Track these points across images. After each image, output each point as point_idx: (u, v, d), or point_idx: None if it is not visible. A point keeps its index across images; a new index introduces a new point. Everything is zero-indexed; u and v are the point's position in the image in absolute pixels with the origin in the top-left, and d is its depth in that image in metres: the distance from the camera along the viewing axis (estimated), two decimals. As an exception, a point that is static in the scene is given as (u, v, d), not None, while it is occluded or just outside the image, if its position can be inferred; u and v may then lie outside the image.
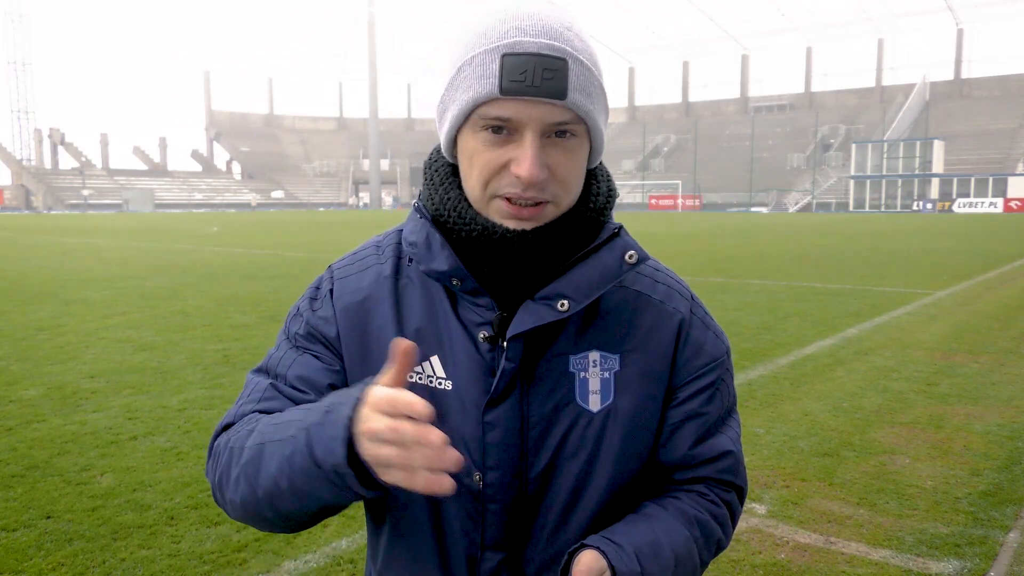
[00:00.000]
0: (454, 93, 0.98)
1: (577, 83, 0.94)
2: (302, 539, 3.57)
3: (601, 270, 1.03)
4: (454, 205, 1.03)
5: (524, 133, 0.95)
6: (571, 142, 0.98)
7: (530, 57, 0.92)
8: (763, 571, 3.34)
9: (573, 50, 0.94)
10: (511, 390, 1.03)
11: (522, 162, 0.94)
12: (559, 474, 1.06)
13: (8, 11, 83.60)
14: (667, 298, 1.11)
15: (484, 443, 1.03)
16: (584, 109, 0.96)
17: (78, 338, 8.28)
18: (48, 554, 3.43)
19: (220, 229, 33.84)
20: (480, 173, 0.98)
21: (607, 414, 1.06)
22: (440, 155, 1.09)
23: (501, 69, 0.92)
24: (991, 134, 67.78)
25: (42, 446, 4.81)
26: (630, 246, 1.05)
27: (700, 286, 12.57)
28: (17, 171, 78.47)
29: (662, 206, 68.96)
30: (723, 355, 1.14)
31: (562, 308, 1.01)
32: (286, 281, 13.59)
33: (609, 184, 1.11)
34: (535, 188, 0.96)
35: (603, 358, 1.06)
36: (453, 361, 1.05)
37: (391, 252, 1.12)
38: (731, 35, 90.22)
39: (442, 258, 1.03)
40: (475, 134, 0.98)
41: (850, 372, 6.79)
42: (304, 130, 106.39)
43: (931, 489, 4.18)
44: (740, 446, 1.15)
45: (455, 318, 1.05)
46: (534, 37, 0.93)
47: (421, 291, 1.08)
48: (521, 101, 0.93)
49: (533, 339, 1.04)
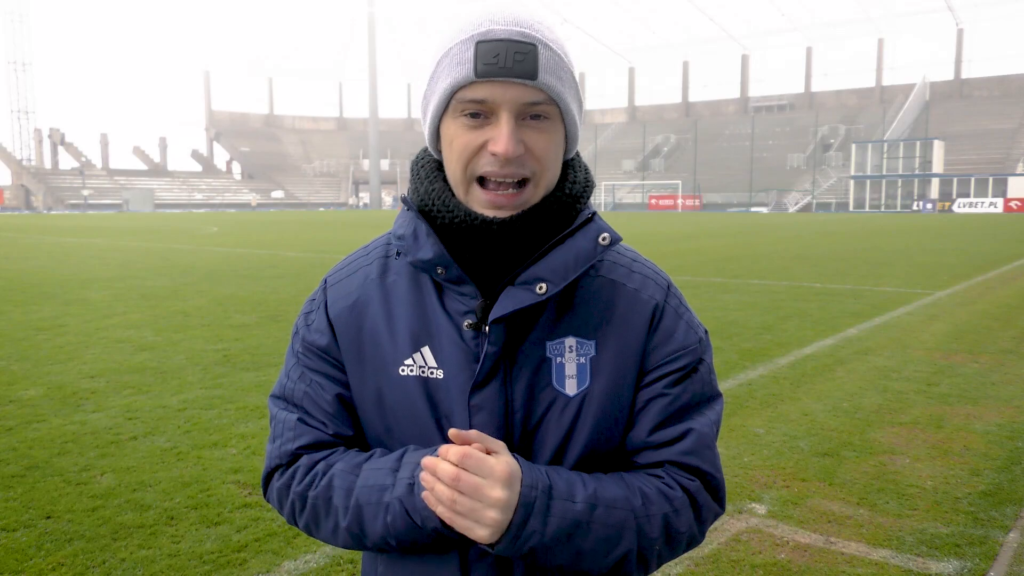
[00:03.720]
0: (434, 84, 1.05)
1: (547, 66, 1.01)
2: (302, 539, 3.57)
3: (576, 253, 1.07)
4: (438, 195, 1.09)
5: (500, 114, 1.01)
6: (545, 124, 1.04)
7: (501, 42, 0.99)
8: (763, 571, 3.33)
9: (543, 37, 1.02)
10: (495, 374, 1.08)
11: (499, 140, 1.01)
12: (536, 456, 1.10)
13: (8, 11, 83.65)
14: (642, 286, 1.15)
15: (471, 426, 1.08)
16: (555, 90, 1.02)
17: (78, 338, 8.28)
18: (48, 554, 3.43)
19: (220, 229, 33.84)
20: (460, 155, 1.04)
21: (583, 398, 1.10)
22: (426, 153, 1.16)
23: (475, 55, 1.00)
24: (991, 134, 67.77)
25: (42, 446, 4.81)
26: (603, 229, 1.10)
27: (700, 286, 12.57)
28: (17, 171, 78.46)
29: (662, 206, 68.95)
30: (694, 344, 1.15)
31: (540, 291, 1.05)
32: (286, 281, 13.59)
33: (587, 175, 1.16)
34: (513, 164, 1.02)
35: (579, 344, 1.10)
36: (442, 351, 1.10)
37: (377, 253, 1.19)
38: (731, 35, 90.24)
39: (428, 247, 1.08)
40: (455, 120, 1.04)
41: (850, 372, 6.79)
42: (304, 130, 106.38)
43: (931, 489, 4.18)
44: (711, 431, 1.14)
45: (441, 309, 1.11)
46: (505, 25, 1.00)
47: (408, 286, 1.14)
48: (495, 83, 1.00)
49: (514, 327, 1.09)
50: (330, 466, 1.11)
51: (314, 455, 1.13)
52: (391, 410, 1.12)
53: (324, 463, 1.12)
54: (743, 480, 4.31)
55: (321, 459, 1.13)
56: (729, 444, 4.85)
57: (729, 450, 4.75)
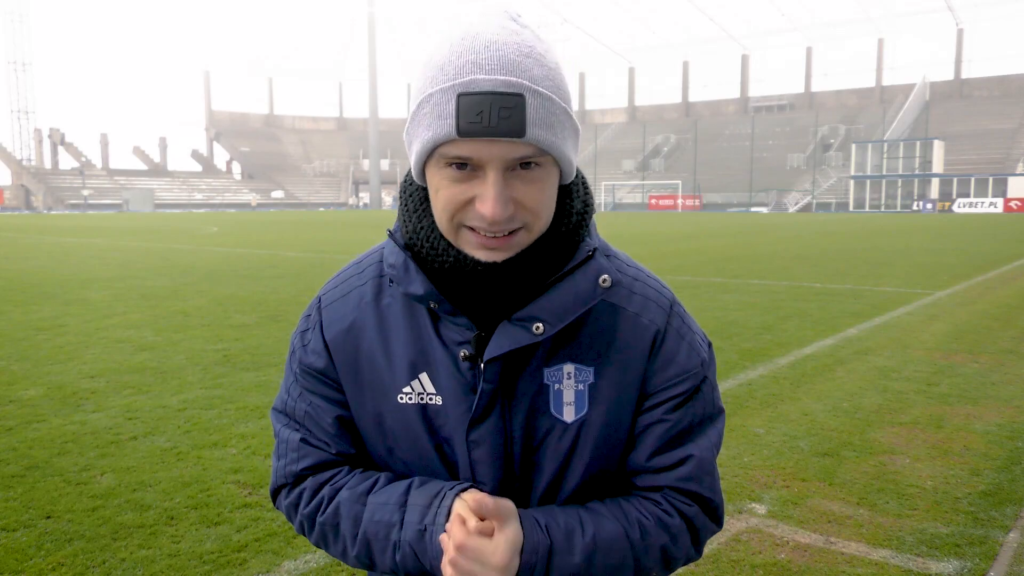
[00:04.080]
0: (416, 129, 0.98)
1: (536, 117, 0.92)
2: (302, 539, 3.57)
3: (575, 294, 1.04)
4: (427, 235, 1.05)
5: (487, 171, 0.95)
6: (537, 172, 0.97)
7: (485, 96, 0.90)
8: (763, 571, 3.33)
9: (531, 82, 0.92)
10: (492, 408, 1.06)
11: (486, 201, 0.95)
12: (535, 481, 1.10)
13: (8, 11, 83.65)
14: (642, 310, 1.11)
15: (471, 460, 1.07)
16: (545, 142, 0.94)
17: (78, 338, 8.28)
18: (48, 554, 3.43)
19: (220, 229, 33.84)
20: (445, 207, 0.99)
21: (581, 424, 1.08)
22: (413, 182, 1.10)
23: (457, 110, 0.91)
24: (991, 134, 67.77)
25: (42, 446, 4.81)
26: (603, 270, 1.06)
27: (700, 286, 12.57)
28: (17, 171, 78.46)
29: (662, 206, 68.95)
30: (696, 367, 1.13)
31: (537, 331, 1.03)
32: (286, 281, 13.59)
33: (585, 199, 1.10)
34: (501, 223, 0.96)
35: (577, 370, 1.08)
36: (439, 378, 1.09)
37: (371, 273, 1.15)
38: (731, 35, 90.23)
39: (417, 283, 1.05)
40: (439, 170, 0.98)
41: (850, 372, 6.79)
42: (304, 130, 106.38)
43: (931, 489, 4.18)
44: (711, 454, 1.13)
45: (436, 337, 1.09)
46: (489, 74, 0.91)
47: (404, 310, 1.11)
48: (480, 141, 0.93)
49: (511, 357, 1.06)
50: (336, 491, 1.12)
51: (319, 477, 1.14)
52: (391, 434, 1.12)
53: (330, 487, 1.12)
54: (743, 480, 4.31)
55: (326, 482, 1.13)
56: (729, 444, 4.85)
57: (729, 450, 4.75)
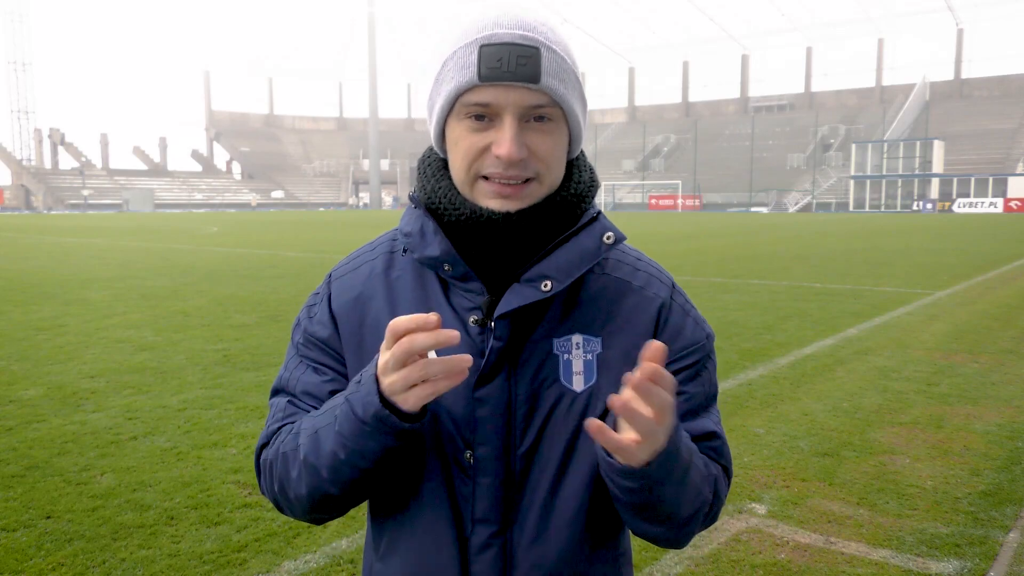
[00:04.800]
0: (439, 87, 1.06)
1: (550, 69, 1.02)
2: (302, 539, 3.57)
3: (581, 252, 1.09)
4: (445, 193, 1.10)
5: (503, 117, 1.03)
6: (548, 125, 1.05)
7: (504, 46, 1.00)
8: (763, 571, 3.33)
9: (546, 40, 1.03)
10: (499, 369, 1.09)
11: (502, 143, 1.02)
12: (544, 452, 1.11)
13: (8, 11, 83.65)
14: (647, 284, 1.17)
15: (475, 419, 1.09)
16: (558, 93, 1.03)
17: (78, 338, 8.28)
18: (48, 554, 3.43)
19: (220, 229, 33.84)
20: (464, 156, 1.05)
21: (591, 393, 1.11)
22: (432, 152, 1.17)
23: (479, 58, 1.01)
24: (991, 134, 67.75)
25: (42, 446, 4.81)
26: (607, 228, 1.11)
27: (700, 286, 12.57)
28: (17, 171, 78.45)
29: (662, 206, 68.92)
30: (703, 340, 1.17)
31: (545, 288, 1.06)
32: (286, 281, 13.59)
33: (591, 175, 1.17)
34: (516, 167, 1.03)
35: (586, 340, 1.11)
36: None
37: (383, 248, 1.21)
38: (731, 35, 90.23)
39: (435, 244, 1.09)
40: (459, 122, 1.05)
41: (850, 372, 6.79)
42: (304, 130, 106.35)
43: (931, 489, 4.18)
44: (722, 429, 1.19)
45: (447, 305, 1.12)
46: (509, 29, 1.02)
47: (413, 282, 1.15)
48: (499, 87, 1.01)
49: (519, 323, 1.09)
50: (302, 420, 1.11)
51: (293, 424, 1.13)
52: None
53: (299, 421, 1.11)
54: (743, 480, 4.31)
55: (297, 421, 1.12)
56: (729, 444, 4.85)
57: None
